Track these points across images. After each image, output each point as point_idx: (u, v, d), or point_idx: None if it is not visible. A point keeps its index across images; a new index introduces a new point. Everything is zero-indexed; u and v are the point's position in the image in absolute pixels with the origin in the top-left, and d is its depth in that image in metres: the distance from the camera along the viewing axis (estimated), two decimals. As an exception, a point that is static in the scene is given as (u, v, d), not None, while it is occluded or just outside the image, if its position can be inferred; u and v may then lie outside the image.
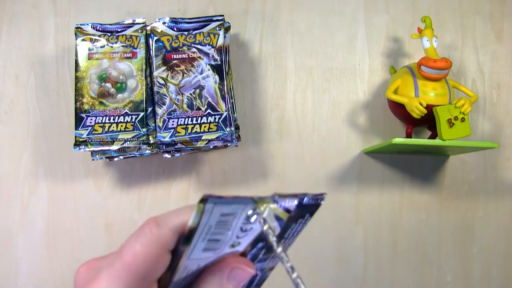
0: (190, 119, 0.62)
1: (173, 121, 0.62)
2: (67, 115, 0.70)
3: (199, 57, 0.64)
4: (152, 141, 0.63)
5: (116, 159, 0.65)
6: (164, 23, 0.65)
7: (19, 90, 0.71)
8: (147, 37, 0.65)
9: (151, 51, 0.64)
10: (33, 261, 0.68)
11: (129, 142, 0.62)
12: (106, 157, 0.64)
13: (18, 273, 0.68)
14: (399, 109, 0.65)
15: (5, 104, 0.71)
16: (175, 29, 0.65)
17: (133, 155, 0.64)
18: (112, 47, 0.64)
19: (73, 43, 0.69)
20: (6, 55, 0.71)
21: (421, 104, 0.61)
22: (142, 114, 0.63)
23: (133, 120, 0.62)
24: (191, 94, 0.63)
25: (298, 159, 0.72)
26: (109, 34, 0.64)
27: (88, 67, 0.63)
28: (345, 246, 0.71)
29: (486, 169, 0.74)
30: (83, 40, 0.64)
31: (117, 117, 0.62)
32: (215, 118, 0.62)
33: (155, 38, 0.64)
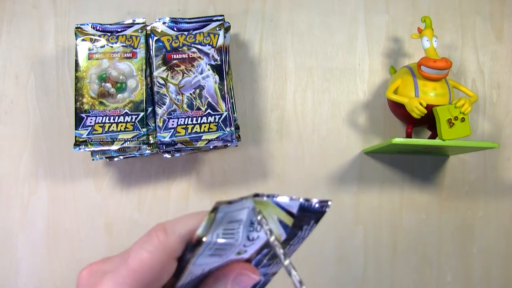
0: (190, 119, 0.62)
1: (173, 121, 0.62)
2: (67, 115, 0.70)
3: (199, 57, 0.64)
4: (152, 141, 0.63)
5: (116, 159, 0.65)
6: (164, 23, 0.65)
7: (19, 90, 0.71)
8: (147, 37, 0.65)
9: (151, 51, 0.64)
10: (33, 261, 0.68)
11: (129, 142, 0.62)
12: (106, 157, 0.64)
13: (18, 273, 0.68)
14: (399, 109, 0.65)
15: (5, 104, 0.71)
16: (175, 29, 0.65)
17: (133, 155, 0.64)
18: (112, 47, 0.64)
19: (73, 43, 0.69)
20: (6, 55, 0.71)
21: (421, 104, 0.61)
22: (142, 114, 0.63)
23: (133, 120, 0.62)
24: (191, 94, 0.63)
25: (298, 159, 0.72)
26: (109, 34, 0.64)
27: (88, 67, 0.63)
28: (345, 246, 0.71)
29: (486, 169, 0.74)
30: (83, 40, 0.64)
31: (117, 117, 0.62)
32: (215, 118, 0.62)
33: (155, 38, 0.64)
